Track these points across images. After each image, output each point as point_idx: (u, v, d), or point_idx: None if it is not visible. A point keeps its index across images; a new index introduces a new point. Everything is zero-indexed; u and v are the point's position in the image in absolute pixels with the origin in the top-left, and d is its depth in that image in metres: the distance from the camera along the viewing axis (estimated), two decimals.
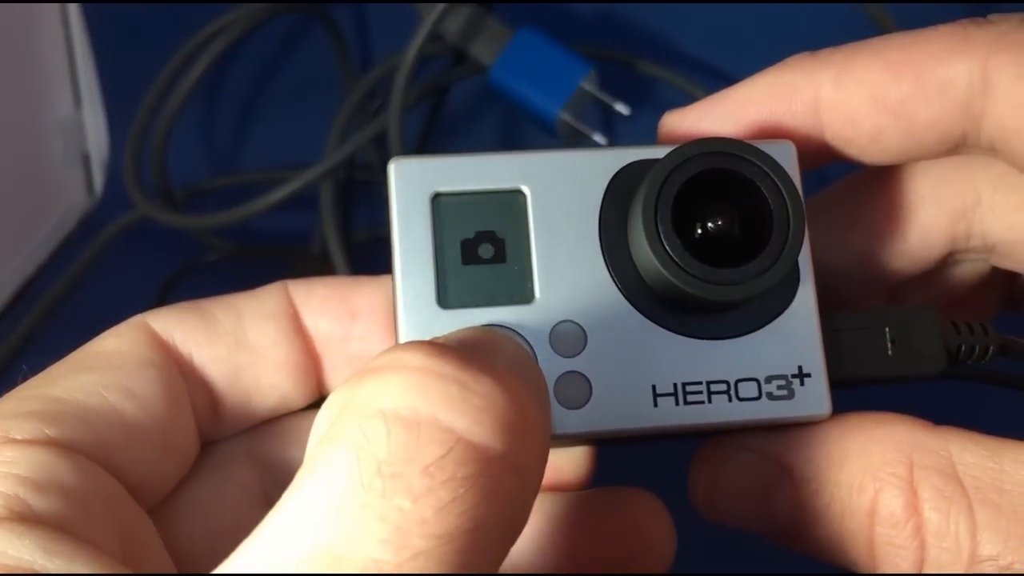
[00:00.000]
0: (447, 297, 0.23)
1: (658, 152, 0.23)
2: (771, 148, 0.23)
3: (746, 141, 0.23)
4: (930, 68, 0.24)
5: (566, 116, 0.48)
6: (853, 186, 0.28)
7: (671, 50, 0.52)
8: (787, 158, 0.24)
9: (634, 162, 0.24)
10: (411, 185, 0.24)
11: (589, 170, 0.24)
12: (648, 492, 0.27)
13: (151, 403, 0.24)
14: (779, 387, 0.23)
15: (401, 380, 0.18)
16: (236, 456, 0.27)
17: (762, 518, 0.24)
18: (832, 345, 0.24)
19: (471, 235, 0.24)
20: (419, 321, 0.23)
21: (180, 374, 0.25)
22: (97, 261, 0.55)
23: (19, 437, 0.22)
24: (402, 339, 0.23)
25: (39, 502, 0.20)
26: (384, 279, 0.26)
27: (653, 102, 0.51)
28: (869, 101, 0.24)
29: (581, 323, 0.23)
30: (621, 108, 0.49)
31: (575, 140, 0.50)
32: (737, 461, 0.24)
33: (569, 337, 0.23)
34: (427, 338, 0.21)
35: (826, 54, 0.25)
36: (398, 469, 0.17)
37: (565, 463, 0.27)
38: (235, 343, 0.26)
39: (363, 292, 0.27)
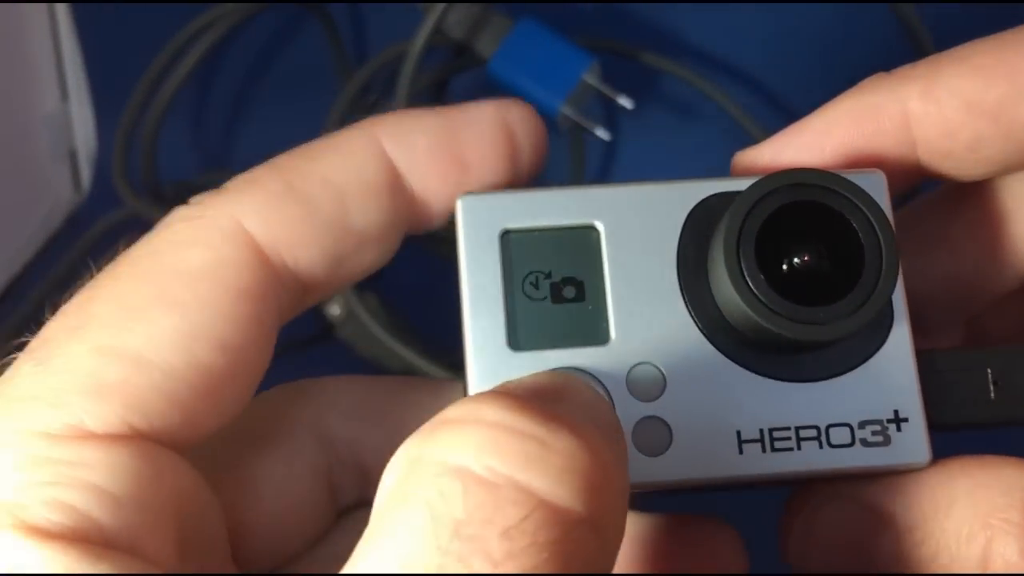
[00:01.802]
0: (518, 339, 0.22)
1: (739, 184, 0.22)
2: (860, 179, 0.22)
3: (834, 171, 0.22)
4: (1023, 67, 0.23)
5: (568, 110, 0.47)
6: (932, 206, 0.26)
7: (676, 42, 0.51)
8: (877, 189, 0.23)
9: (713, 195, 0.23)
10: (479, 221, 0.23)
11: (665, 204, 0.23)
12: (728, 525, 0.26)
13: (241, 353, 0.21)
14: (874, 433, 0.22)
15: (476, 436, 0.17)
16: (305, 430, 0.25)
17: (860, 572, 0.23)
18: (929, 387, 0.23)
19: (542, 273, 0.23)
20: (489, 365, 0.22)
21: (274, 296, 0.22)
22: (85, 260, 0.53)
23: (99, 431, 0.19)
24: (471, 383, 0.22)
25: (113, 521, 0.18)
26: (491, 111, 0.24)
27: (658, 96, 0.50)
28: (964, 108, 0.23)
29: (660, 365, 0.22)
30: (625, 102, 0.48)
31: (577, 134, 0.49)
32: (831, 510, 0.23)
33: (647, 380, 0.22)
34: (498, 382, 0.20)
35: (904, 70, 0.24)
36: (476, 531, 0.16)
37: None
38: (342, 232, 0.23)
39: (471, 135, 0.24)
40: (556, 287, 0.23)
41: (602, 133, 0.48)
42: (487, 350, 0.22)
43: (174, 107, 0.50)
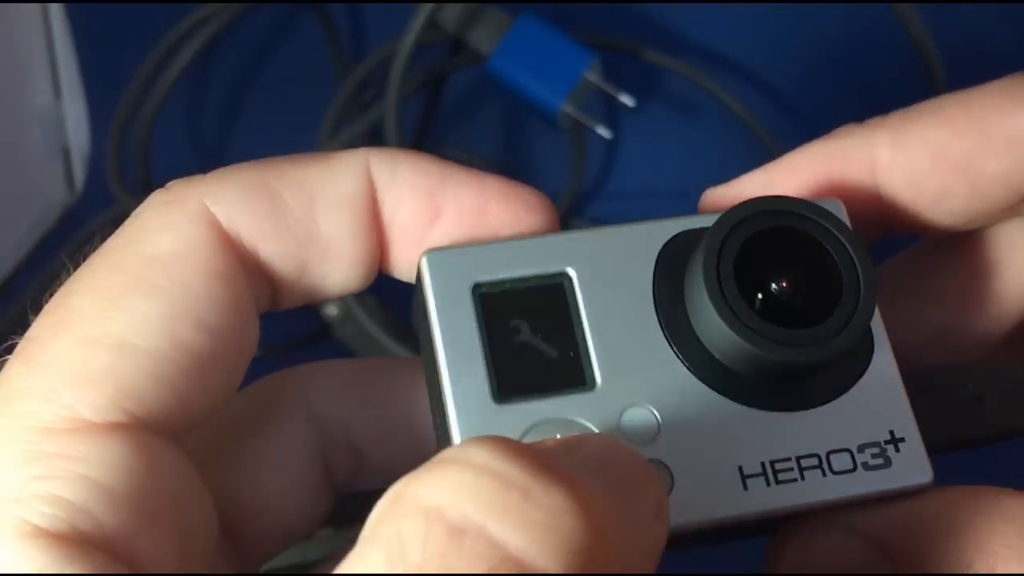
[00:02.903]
0: (502, 391, 0.21)
1: (706, 221, 0.22)
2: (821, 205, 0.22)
3: (803, 199, 0.22)
4: (994, 122, 0.23)
5: (569, 108, 0.47)
6: (917, 257, 0.26)
7: (678, 39, 0.51)
8: (839, 216, 0.22)
9: (681, 232, 0.23)
10: (448, 277, 0.22)
11: (635, 244, 0.23)
12: None
13: (223, 334, 0.21)
14: (874, 456, 0.22)
15: (458, 478, 0.16)
16: (298, 413, 0.25)
17: None
18: (919, 408, 0.22)
19: (519, 323, 0.22)
20: (475, 421, 0.21)
21: (246, 281, 0.22)
22: (78, 259, 0.53)
23: (96, 420, 0.19)
24: (457, 442, 0.21)
25: (109, 518, 0.18)
26: (480, 178, 0.23)
27: (660, 93, 0.50)
28: (931, 160, 0.23)
29: (651, 407, 0.21)
30: (626, 100, 0.47)
31: (578, 132, 0.49)
32: (827, 539, 0.22)
33: (640, 423, 0.21)
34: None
35: (877, 120, 0.24)
36: None
37: None
38: (306, 238, 0.22)
39: (451, 192, 0.23)
40: (534, 337, 0.22)
41: (603, 131, 0.48)
42: (471, 406, 0.21)
43: (168, 105, 0.49)
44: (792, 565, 0.23)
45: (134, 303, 0.20)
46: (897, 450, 0.22)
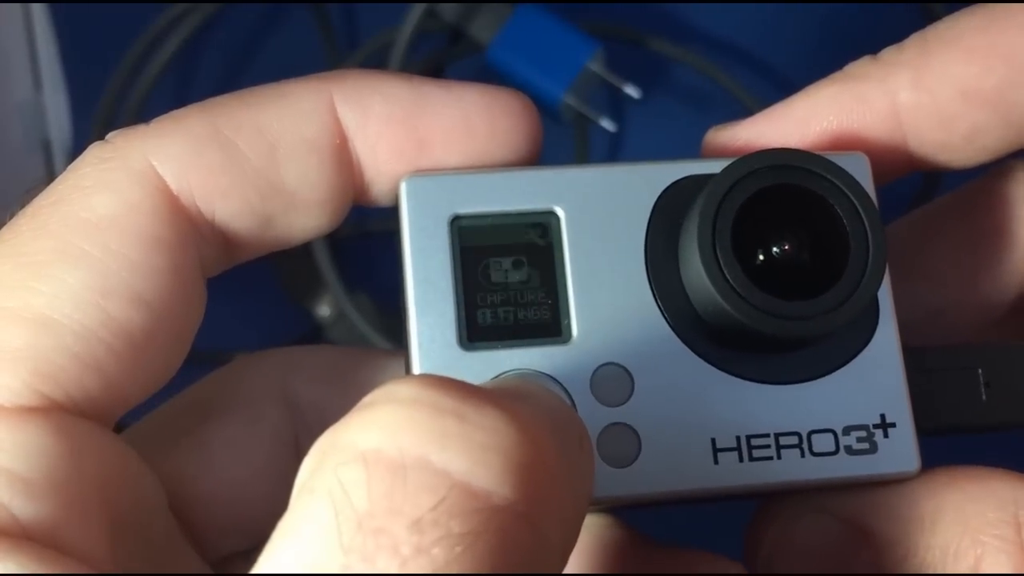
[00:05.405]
0: (470, 336, 0.20)
1: (712, 166, 0.21)
2: (842, 161, 0.21)
3: (817, 153, 0.20)
4: (1021, 47, 0.21)
5: (571, 99, 0.46)
6: (910, 231, 0.25)
7: (686, 27, 0.50)
8: (861, 172, 0.21)
9: (684, 178, 0.22)
10: (426, 206, 0.21)
11: (632, 188, 0.21)
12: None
13: (161, 308, 0.19)
14: (859, 439, 0.21)
15: (388, 415, 0.15)
16: (269, 396, 0.24)
17: None
18: (916, 389, 0.21)
19: (496, 264, 0.21)
20: (437, 365, 0.20)
21: (194, 247, 0.20)
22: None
23: (7, 403, 0.18)
24: None
25: (29, 510, 0.17)
26: (457, 93, 0.22)
27: (666, 84, 0.49)
28: (959, 98, 0.22)
29: (627, 366, 0.21)
30: (631, 91, 0.46)
31: (581, 125, 0.48)
32: (808, 523, 0.22)
33: (613, 382, 0.21)
34: None
35: (892, 55, 0.23)
36: (381, 524, 0.14)
37: None
38: (268, 189, 0.21)
39: (432, 118, 0.22)
40: (511, 279, 0.21)
41: (607, 124, 0.47)
42: (434, 349, 0.20)
43: (153, 97, 0.48)
44: (770, 547, 0.22)
45: (60, 272, 0.19)
46: (886, 435, 0.21)
